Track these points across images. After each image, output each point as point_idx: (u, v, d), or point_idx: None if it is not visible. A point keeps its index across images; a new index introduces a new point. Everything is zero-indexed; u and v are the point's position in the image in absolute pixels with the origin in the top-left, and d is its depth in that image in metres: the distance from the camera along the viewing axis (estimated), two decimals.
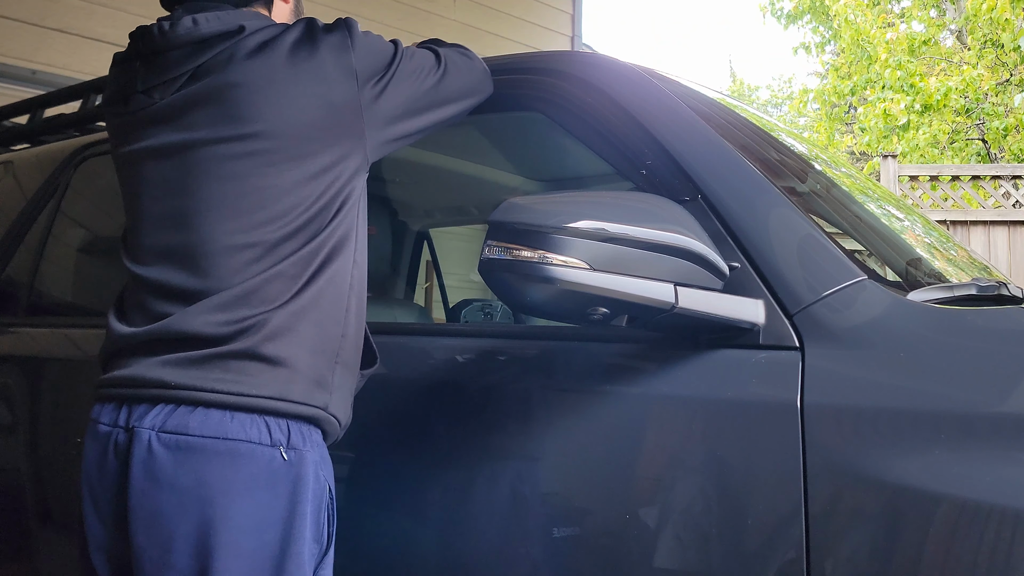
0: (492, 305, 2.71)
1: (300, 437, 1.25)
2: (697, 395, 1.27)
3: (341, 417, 1.34)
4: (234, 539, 1.19)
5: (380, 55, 1.40)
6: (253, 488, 1.20)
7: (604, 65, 1.62)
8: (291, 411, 1.25)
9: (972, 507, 1.06)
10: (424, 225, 3.16)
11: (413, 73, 1.42)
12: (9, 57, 4.28)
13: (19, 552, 2.06)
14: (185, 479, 1.19)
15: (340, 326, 1.33)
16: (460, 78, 1.50)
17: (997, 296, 1.36)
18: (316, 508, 1.25)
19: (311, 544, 1.24)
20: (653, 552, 1.25)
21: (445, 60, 1.48)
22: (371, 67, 1.37)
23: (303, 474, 1.24)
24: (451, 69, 1.49)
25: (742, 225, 1.33)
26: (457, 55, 1.53)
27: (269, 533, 1.21)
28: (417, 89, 1.42)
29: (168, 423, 1.22)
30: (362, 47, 1.38)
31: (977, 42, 12.15)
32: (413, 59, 1.44)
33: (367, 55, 1.38)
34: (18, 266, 2.41)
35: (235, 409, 1.22)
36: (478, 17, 6.43)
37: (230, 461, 1.20)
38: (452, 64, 1.49)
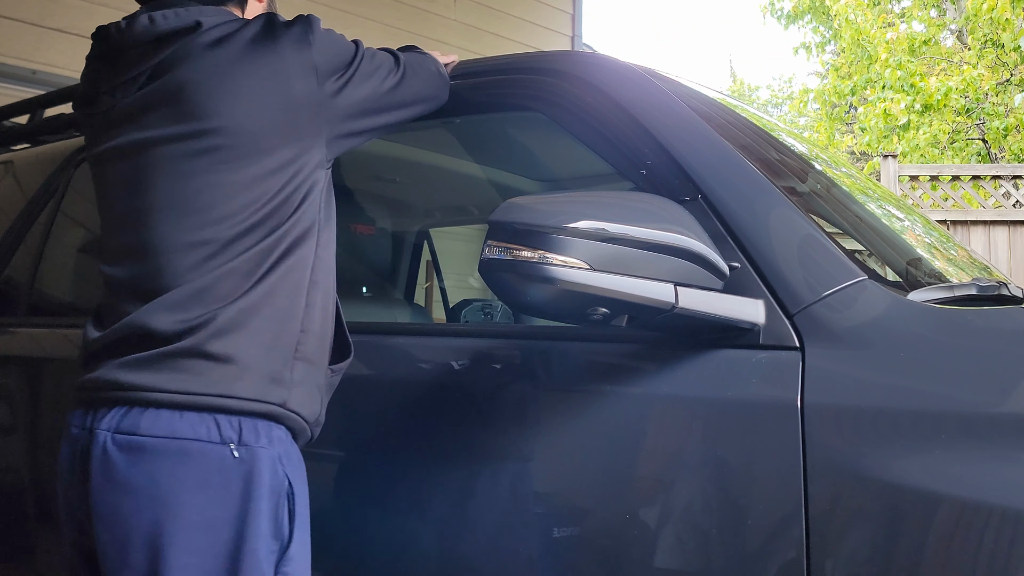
0: (492, 305, 2.71)
1: (253, 434, 1.24)
2: (697, 395, 1.27)
3: (306, 413, 1.32)
4: (188, 537, 1.20)
5: (341, 52, 1.40)
6: (204, 486, 1.21)
7: (604, 65, 1.62)
8: (241, 408, 1.24)
9: (972, 507, 1.06)
10: (424, 225, 3.16)
11: (373, 73, 1.44)
12: (9, 57, 4.28)
13: (19, 552, 2.06)
14: (138, 479, 1.21)
15: (298, 321, 1.32)
16: (418, 82, 1.52)
17: (997, 296, 1.36)
18: (273, 505, 1.24)
19: (269, 541, 1.23)
20: (653, 552, 1.25)
21: (404, 64, 1.50)
22: (331, 63, 1.37)
23: (257, 471, 1.23)
24: (409, 73, 1.50)
25: (742, 225, 1.33)
26: (415, 60, 1.55)
27: (223, 530, 1.21)
28: (376, 90, 1.44)
29: (122, 424, 1.24)
30: (322, 43, 1.38)
31: (977, 42, 12.15)
32: (374, 60, 1.45)
33: (327, 51, 1.38)
34: (18, 266, 2.41)
35: (184, 408, 1.23)
36: (478, 17, 6.43)
37: (180, 460, 1.21)
38: (410, 68, 1.51)
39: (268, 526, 1.23)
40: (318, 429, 1.38)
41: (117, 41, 1.38)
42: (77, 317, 2.33)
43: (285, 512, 1.25)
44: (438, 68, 1.60)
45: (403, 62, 1.50)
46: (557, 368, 1.44)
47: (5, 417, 2.17)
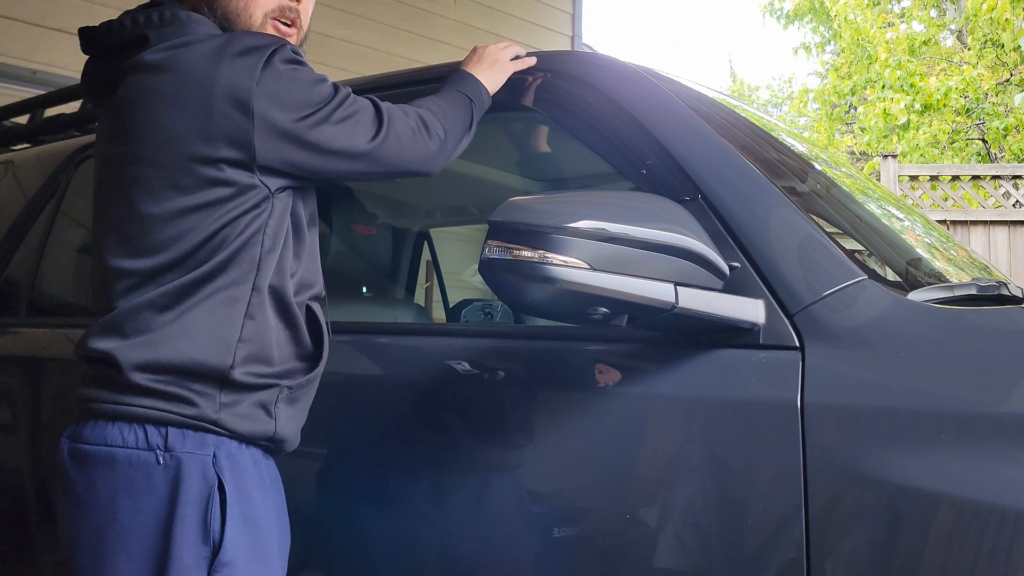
0: (492, 305, 2.71)
1: (179, 439, 1.24)
2: (697, 395, 1.27)
3: (244, 431, 1.28)
4: (124, 543, 1.22)
5: (299, 95, 1.29)
6: (133, 492, 1.23)
7: (604, 65, 1.62)
8: (167, 419, 1.25)
9: (972, 507, 1.06)
10: (424, 225, 3.16)
11: (340, 127, 1.32)
12: (9, 57, 4.28)
13: (19, 552, 2.06)
14: (81, 486, 1.26)
15: (230, 348, 1.27)
16: (395, 151, 1.37)
17: (997, 296, 1.36)
18: (201, 510, 1.22)
19: (197, 547, 1.22)
20: (653, 552, 1.25)
21: (388, 128, 1.36)
22: (279, 104, 1.27)
23: (183, 476, 1.22)
24: (390, 138, 1.36)
25: (742, 225, 1.33)
26: (411, 127, 1.39)
27: (153, 537, 1.22)
28: (335, 142, 1.32)
29: (75, 433, 1.30)
30: (273, 80, 1.27)
31: (977, 42, 12.15)
32: (348, 113, 1.33)
33: (277, 91, 1.27)
34: (18, 266, 2.41)
35: (116, 418, 1.26)
36: (478, 17, 6.43)
37: (111, 467, 1.24)
38: (393, 133, 1.37)
39: (195, 532, 1.22)
40: (287, 444, 1.35)
41: (98, 44, 1.40)
42: (77, 317, 2.33)
43: (216, 517, 1.23)
44: (444, 135, 1.44)
45: (386, 123, 1.36)
46: (557, 368, 1.44)
47: (5, 417, 2.17)
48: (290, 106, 1.28)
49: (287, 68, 1.30)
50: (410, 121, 1.40)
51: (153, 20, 1.34)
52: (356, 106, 1.35)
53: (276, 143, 1.28)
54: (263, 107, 1.26)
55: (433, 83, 1.78)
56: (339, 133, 1.32)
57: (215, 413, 1.26)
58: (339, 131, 1.32)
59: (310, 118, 1.30)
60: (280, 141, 1.28)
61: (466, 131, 1.51)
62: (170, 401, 1.25)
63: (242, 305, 1.29)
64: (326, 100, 1.32)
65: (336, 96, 1.34)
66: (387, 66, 3.84)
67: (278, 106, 1.27)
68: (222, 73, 1.26)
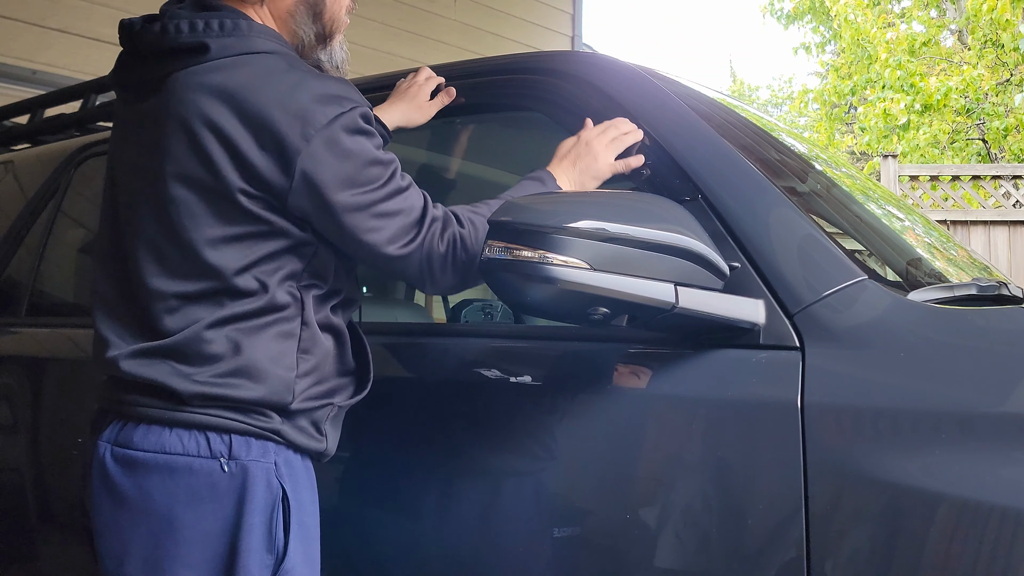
0: (492, 305, 2.71)
1: (244, 447, 1.22)
2: (697, 395, 1.27)
3: (301, 444, 1.28)
4: (182, 551, 1.20)
5: (347, 170, 1.22)
6: (195, 500, 1.20)
7: (604, 65, 1.62)
8: (230, 427, 1.23)
9: (972, 507, 1.06)
10: None
11: (376, 221, 1.25)
12: (9, 57, 4.28)
13: (20, 552, 2.06)
14: (132, 492, 1.22)
15: (287, 393, 1.25)
16: (413, 267, 1.30)
17: (997, 296, 1.36)
18: (267, 518, 1.22)
19: (262, 555, 1.21)
20: (653, 552, 1.25)
21: (423, 241, 1.28)
22: (322, 172, 1.21)
23: (249, 484, 1.21)
24: (414, 256, 1.28)
25: (742, 225, 1.33)
26: (442, 253, 1.29)
27: (216, 544, 1.20)
28: (362, 235, 1.25)
29: (119, 437, 1.24)
30: (326, 146, 1.21)
31: (977, 42, 12.15)
32: (391, 209, 1.26)
33: (327, 159, 1.21)
34: (18, 266, 2.41)
35: (172, 424, 1.22)
36: (478, 17, 6.43)
37: (170, 475, 1.21)
38: (422, 253, 1.29)
39: (261, 540, 1.21)
40: (330, 454, 1.35)
41: (134, 42, 1.32)
42: (77, 317, 2.33)
43: (280, 524, 1.23)
44: (466, 271, 1.32)
45: (424, 235, 1.28)
46: (557, 368, 1.44)
47: (5, 417, 2.17)
48: (334, 180, 1.21)
49: (347, 137, 1.22)
50: (443, 244, 1.29)
51: (213, 28, 1.25)
52: (403, 204, 1.27)
53: (308, 205, 1.23)
54: (307, 169, 1.20)
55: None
56: (371, 227, 1.25)
57: (279, 425, 1.26)
58: (372, 225, 1.25)
59: (350, 199, 1.23)
60: (313, 206, 1.23)
61: None
62: (233, 411, 1.23)
63: (294, 341, 1.27)
64: (374, 185, 1.24)
65: (387, 185, 1.26)
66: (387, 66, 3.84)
67: (321, 174, 1.21)
68: (279, 119, 1.19)
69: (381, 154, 1.26)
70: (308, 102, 1.21)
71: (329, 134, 1.21)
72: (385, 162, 1.26)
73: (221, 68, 1.23)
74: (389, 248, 1.27)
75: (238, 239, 1.23)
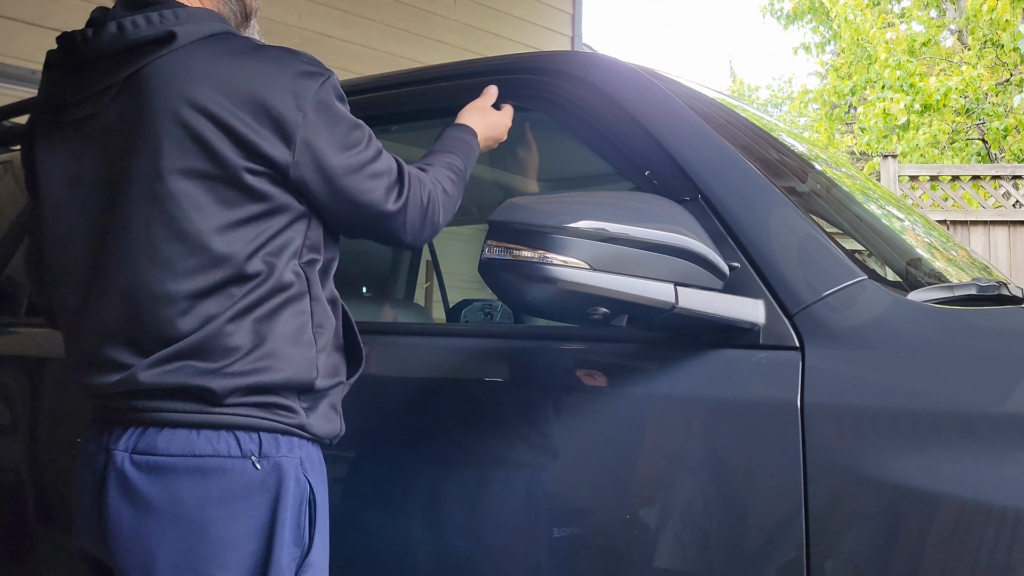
0: (492, 305, 2.71)
1: (274, 445, 1.22)
2: (697, 395, 1.27)
3: (323, 433, 1.30)
4: (217, 553, 1.18)
5: (340, 135, 1.28)
6: (228, 500, 1.19)
7: (604, 65, 1.62)
8: (259, 425, 1.22)
9: (972, 507, 1.06)
10: None
11: (372, 182, 1.30)
12: (9, 57, 4.28)
13: (19, 552, 2.06)
14: (160, 499, 1.19)
15: (312, 369, 1.27)
16: (402, 223, 1.34)
17: (997, 296, 1.36)
18: (296, 513, 1.22)
19: (291, 549, 1.22)
20: (653, 552, 1.25)
21: (408, 196, 1.34)
22: (320, 138, 1.26)
23: (280, 480, 1.21)
24: (408, 211, 1.34)
25: (742, 225, 1.33)
26: (422, 204, 1.35)
27: (250, 543, 1.19)
28: (364, 195, 1.30)
29: (139, 444, 1.22)
30: (321, 112, 1.26)
31: (977, 42, 12.15)
32: (379, 169, 1.32)
33: (322, 124, 1.26)
34: (18, 266, 2.41)
35: (199, 427, 1.21)
36: (478, 17, 6.43)
37: (201, 477, 1.19)
38: (412, 206, 1.34)
39: (291, 534, 1.22)
40: (338, 438, 1.36)
41: (85, 51, 1.28)
42: None
43: (306, 519, 1.24)
44: (440, 221, 1.39)
45: (407, 190, 1.33)
46: (557, 368, 1.44)
47: (5, 417, 2.17)
48: (330, 145, 1.26)
49: (333, 104, 1.28)
50: (424, 196, 1.36)
51: (168, 18, 1.25)
52: (387, 163, 1.33)
53: (310, 174, 1.25)
54: (307, 138, 1.24)
55: (433, 83, 1.78)
56: (369, 187, 1.30)
57: (304, 419, 1.26)
58: (369, 185, 1.30)
59: (347, 161, 1.28)
60: (314, 174, 1.26)
61: (455, 204, 1.46)
62: (261, 409, 1.22)
63: (307, 317, 1.27)
64: (362, 146, 1.30)
65: (371, 145, 1.32)
66: (387, 66, 3.84)
67: (319, 142, 1.25)
68: (272, 96, 1.22)
69: (356, 118, 1.32)
70: (293, 76, 1.25)
71: (319, 102, 1.26)
72: (362, 125, 1.32)
73: (192, 54, 1.23)
74: (388, 204, 1.32)
75: (245, 222, 1.23)
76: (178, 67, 1.23)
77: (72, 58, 1.31)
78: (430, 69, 1.84)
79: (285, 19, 5.07)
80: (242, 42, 1.29)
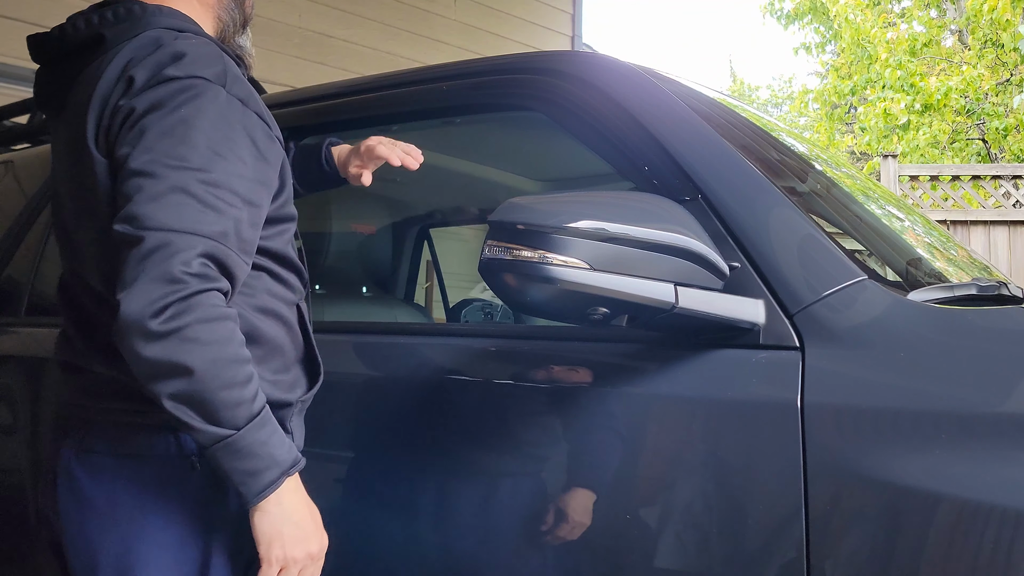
0: (492, 305, 2.71)
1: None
2: (697, 395, 1.27)
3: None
4: (154, 554, 1.17)
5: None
6: (166, 501, 1.17)
7: (604, 65, 1.62)
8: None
9: (972, 507, 1.06)
10: (424, 225, 3.16)
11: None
12: (9, 57, 4.28)
13: (19, 552, 2.06)
14: (100, 498, 1.18)
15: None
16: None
17: (997, 296, 1.36)
18: (239, 516, 1.18)
19: (233, 554, 1.20)
20: (653, 552, 1.25)
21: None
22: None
23: (220, 481, 1.17)
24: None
25: (742, 225, 1.33)
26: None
27: (187, 546, 1.18)
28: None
29: (83, 443, 1.21)
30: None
31: (977, 42, 12.15)
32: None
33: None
34: (18, 266, 2.41)
35: (139, 427, 1.19)
36: (478, 17, 6.43)
37: (139, 476, 1.18)
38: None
39: (232, 538, 1.20)
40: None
41: (52, 49, 1.29)
42: None
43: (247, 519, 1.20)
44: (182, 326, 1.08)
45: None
46: (557, 368, 1.44)
47: (5, 417, 2.17)
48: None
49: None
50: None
51: (107, 18, 1.24)
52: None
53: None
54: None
55: (433, 83, 1.78)
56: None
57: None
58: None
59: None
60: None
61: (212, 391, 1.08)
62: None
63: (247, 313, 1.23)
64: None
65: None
66: (387, 66, 3.84)
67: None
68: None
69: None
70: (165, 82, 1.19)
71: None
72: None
73: (111, 56, 1.21)
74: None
75: None
76: (94, 76, 1.21)
77: (43, 56, 1.31)
78: (430, 69, 1.84)
79: (285, 19, 5.07)
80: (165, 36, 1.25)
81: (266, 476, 1.11)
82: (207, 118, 1.12)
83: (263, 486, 1.11)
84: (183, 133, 1.10)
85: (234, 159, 1.13)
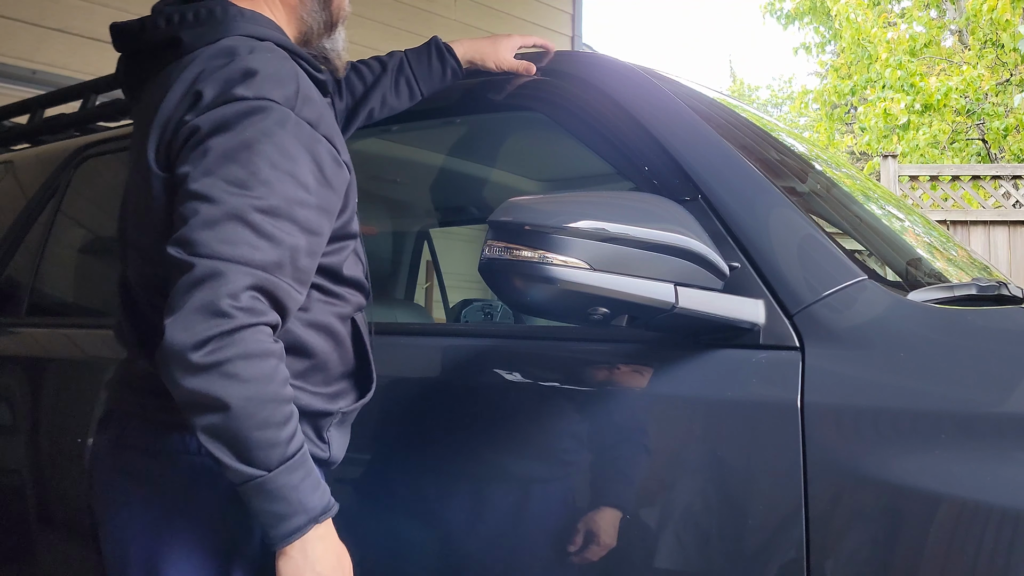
0: (492, 305, 2.71)
1: None
2: (697, 395, 1.27)
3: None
4: (183, 554, 1.17)
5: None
6: (197, 500, 1.18)
7: (604, 65, 1.62)
8: None
9: (972, 507, 1.06)
10: (424, 225, 3.16)
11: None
12: (9, 57, 4.28)
13: (20, 552, 2.06)
14: (132, 492, 1.20)
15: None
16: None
17: (997, 296, 1.36)
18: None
19: (261, 557, 1.20)
20: (653, 552, 1.25)
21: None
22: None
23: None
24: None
25: (742, 225, 1.33)
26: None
27: (216, 545, 1.19)
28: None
29: (121, 438, 1.23)
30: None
31: (977, 42, 12.15)
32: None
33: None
34: (18, 266, 2.41)
35: (173, 426, 1.20)
36: (478, 17, 6.43)
37: (170, 473, 1.19)
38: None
39: (260, 542, 1.20)
40: (331, 465, 1.33)
41: (132, 42, 1.28)
42: (77, 317, 2.33)
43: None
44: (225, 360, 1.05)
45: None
46: (557, 368, 1.44)
47: (5, 417, 2.17)
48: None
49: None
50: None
51: (188, 19, 1.20)
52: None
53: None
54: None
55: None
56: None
57: None
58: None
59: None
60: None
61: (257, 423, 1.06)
62: None
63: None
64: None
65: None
66: None
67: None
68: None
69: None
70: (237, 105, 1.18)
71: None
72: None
73: (188, 62, 1.18)
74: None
75: None
76: (168, 82, 1.20)
77: (124, 48, 1.30)
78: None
79: None
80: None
81: (293, 522, 1.08)
82: (272, 143, 1.10)
83: (289, 532, 1.08)
84: (246, 158, 1.08)
85: (295, 187, 1.11)
